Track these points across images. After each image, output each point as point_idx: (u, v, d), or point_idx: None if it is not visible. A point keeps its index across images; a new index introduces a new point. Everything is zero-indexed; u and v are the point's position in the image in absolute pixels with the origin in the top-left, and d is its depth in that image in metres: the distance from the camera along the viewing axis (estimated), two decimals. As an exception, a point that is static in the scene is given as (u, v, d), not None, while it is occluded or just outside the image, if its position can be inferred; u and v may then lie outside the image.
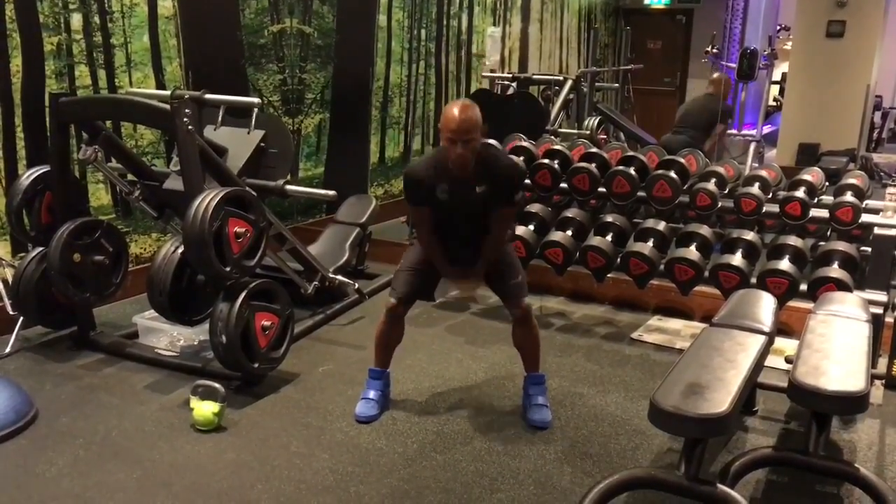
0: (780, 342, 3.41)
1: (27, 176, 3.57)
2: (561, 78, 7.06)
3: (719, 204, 4.08)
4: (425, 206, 3.01)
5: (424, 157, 3.15)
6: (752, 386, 2.88)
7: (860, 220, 3.85)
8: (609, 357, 3.82)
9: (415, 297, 3.15)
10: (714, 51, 8.72)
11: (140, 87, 4.29)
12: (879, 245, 3.78)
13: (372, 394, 3.14)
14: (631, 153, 4.56)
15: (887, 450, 2.98)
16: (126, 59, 4.28)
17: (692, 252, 3.95)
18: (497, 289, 3.17)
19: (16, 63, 3.77)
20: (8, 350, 3.59)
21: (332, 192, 3.82)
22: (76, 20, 4.00)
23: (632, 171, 4.22)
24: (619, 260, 4.09)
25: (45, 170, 3.59)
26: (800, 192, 4.04)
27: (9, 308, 3.63)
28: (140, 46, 4.34)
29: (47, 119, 3.76)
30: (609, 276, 4.20)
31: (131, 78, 4.31)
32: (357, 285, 4.31)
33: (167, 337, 3.74)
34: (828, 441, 2.65)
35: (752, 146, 7.42)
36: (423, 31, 6.68)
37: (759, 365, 2.61)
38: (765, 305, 3.04)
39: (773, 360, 3.27)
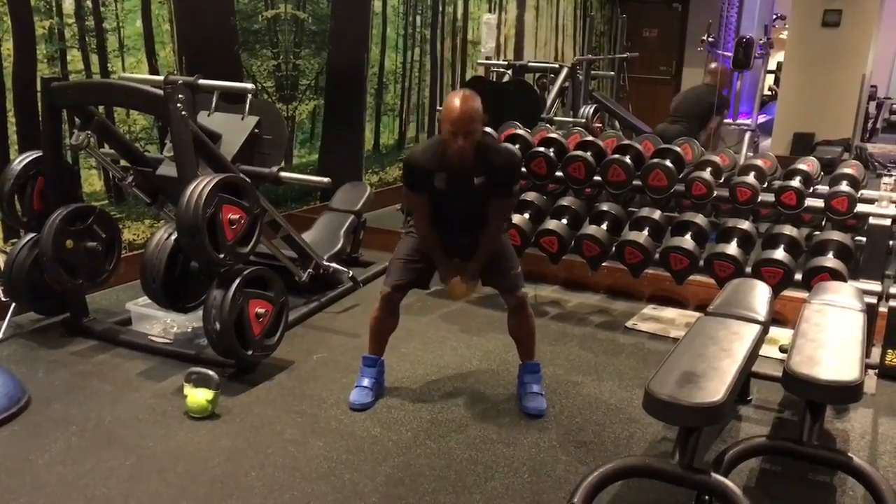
0: (774, 332, 3.42)
1: (19, 161, 3.54)
2: (557, 66, 7.03)
3: (715, 193, 4.07)
4: (424, 193, 2.99)
5: (424, 143, 3.11)
6: (746, 375, 2.88)
7: (855, 210, 3.85)
8: (603, 346, 3.82)
9: (409, 286, 3.14)
10: (710, 39, 8.69)
11: (133, 72, 4.26)
12: (874, 235, 3.79)
13: (366, 381, 3.13)
14: (627, 142, 4.54)
15: (880, 439, 2.99)
16: (119, 44, 4.24)
17: (687, 241, 3.95)
18: (494, 280, 3.15)
19: (7, 47, 3.73)
20: (0, 336, 3.57)
21: (326, 180, 3.80)
22: (68, 4, 3.96)
23: (627, 159, 4.21)
24: (613, 249, 4.09)
25: (36, 155, 3.56)
26: (795, 182, 4.03)
27: (0, 294, 3.61)
28: (133, 31, 4.30)
29: (39, 104, 3.73)
30: (604, 264, 4.19)
31: (124, 63, 4.28)
32: (351, 273, 4.30)
33: (160, 324, 3.72)
34: (821, 430, 2.66)
35: (748, 135, 7.43)
36: (418, 18, 6.64)
37: (753, 354, 2.61)
38: (759, 295, 3.03)
39: (767, 350, 3.27)
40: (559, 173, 4.36)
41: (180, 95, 3.16)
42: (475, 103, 2.80)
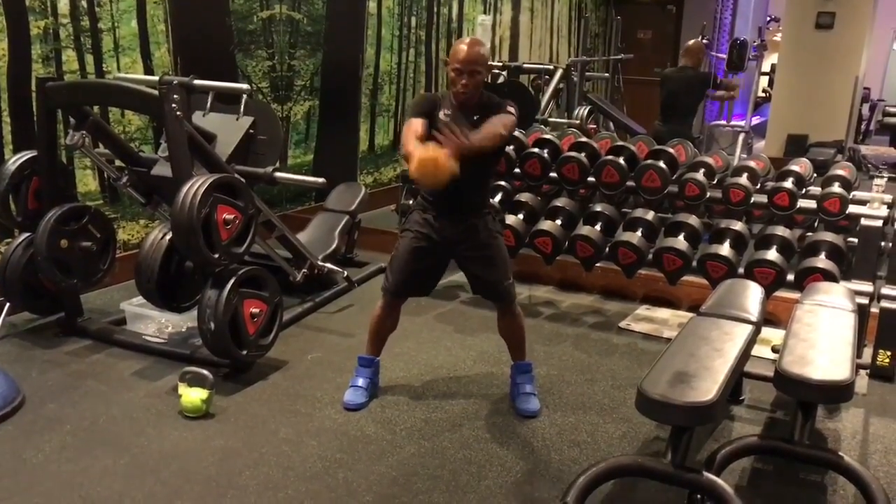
0: (766, 332, 3.44)
1: (14, 161, 3.54)
2: (551, 67, 7.05)
3: (708, 194, 4.10)
4: (424, 118, 2.87)
5: None
6: (738, 375, 2.90)
7: (847, 211, 3.88)
8: (597, 346, 3.84)
9: (409, 292, 3.13)
10: (704, 41, 8.72)
11: (128, 73, 4.25)
12: (866, 236, 3.81)
13: (361, 381, 3.14)
14: (620, 143, 4.57)
15: (871, 438, 3.01)
16: (114, 44, 4.24)
17: (680, 242, 3.97)
18: (483, 289, 3.12)
19: (1, 47, 3.73)
20: (-6, 336, 3.58)
21: (321, 180, 3.81)
22: (63, 4, 3.96)
23: (621, 160, 4.23)
24: (607, 249, 4.10)
25: (32, 155, 3.56)
26: (788, 183, 4.06)
27: (-5, 294, 3.61)
28: (128, 31, 4.30)
29: (34, 104, 3.73)
30: (597, 265, 4.22)
31: (119, 63, 4.28)
32: (346, 273, 4.30)
33: (155, 324, 3.72)
34: (813, 430, 2.68)
35: (741, 137, 7.45)
36: (413, 19, 6.65)
37: (745, 354, 2.63)
38: (752, 295, 3.05)
39: (759, 350, 3.29)
40: (553, 174, 4.38)
41: (175, 96, 3.17)
42: (481, 47, 2.86)
